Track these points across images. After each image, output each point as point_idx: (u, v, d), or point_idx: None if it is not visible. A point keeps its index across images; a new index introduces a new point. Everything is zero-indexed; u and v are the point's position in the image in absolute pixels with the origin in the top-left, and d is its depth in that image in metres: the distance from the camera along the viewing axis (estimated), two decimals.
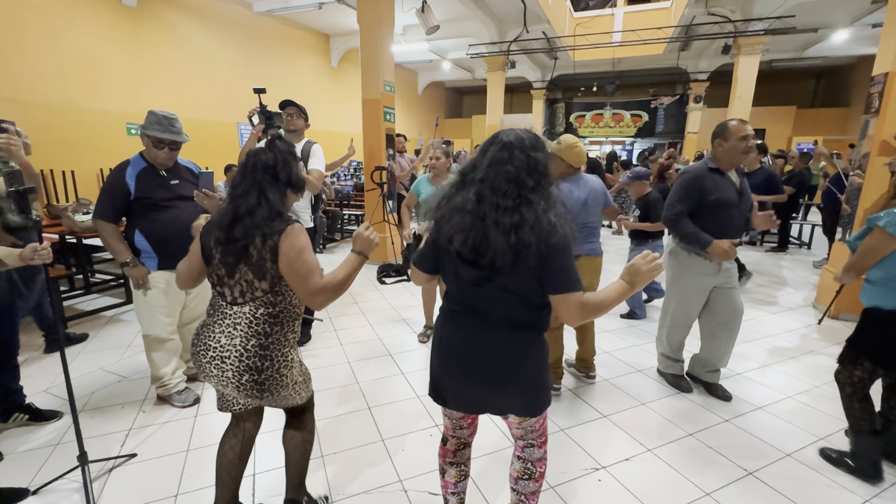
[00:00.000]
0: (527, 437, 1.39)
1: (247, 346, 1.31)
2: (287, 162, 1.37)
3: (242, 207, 1.29)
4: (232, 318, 1.33)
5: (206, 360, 1.33)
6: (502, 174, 1.14)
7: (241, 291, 1.32)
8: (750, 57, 8.76)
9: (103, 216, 2.17)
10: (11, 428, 2.21)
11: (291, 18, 8.93)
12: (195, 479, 1.89)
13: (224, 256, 1.32)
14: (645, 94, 14.16)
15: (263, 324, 1.33)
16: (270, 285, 1.31)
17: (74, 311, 3.75)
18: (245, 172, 1.35)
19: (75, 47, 5.58)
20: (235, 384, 1.32)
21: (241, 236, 1.28)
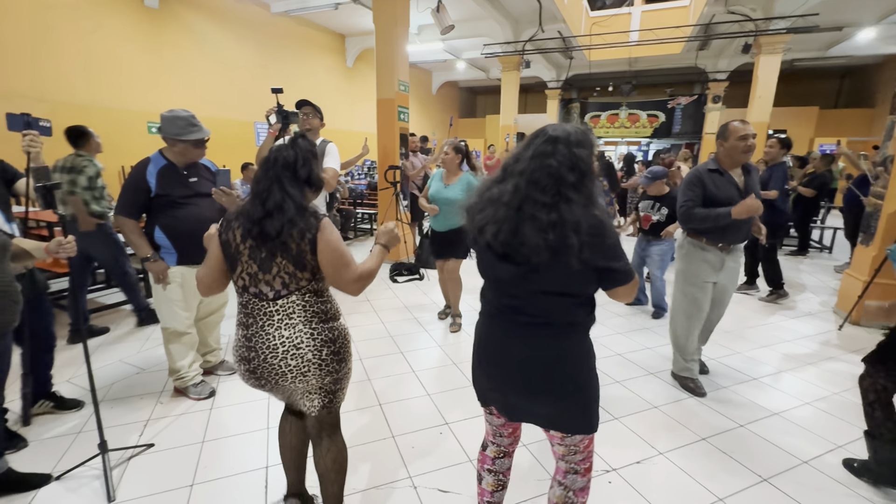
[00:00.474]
0: (569, 459, 1.30)
1: (312, 325, 1.35)
2: (307, 160, 1.39)
3: (270, 203, 1.29)
4: (281, 311, 1.33)
5: (277, 360, 1.32)
6: (543, 168, 1.10)
7: (284, 283, 1.32)
8: (771, 56, 8.58)
9: (125, 212, 2.24)
10: (36, 415, 2.29)
11: (308, 19, 9.03)
12: (210, 470, 1.93)
13: (255, 252, 1.32)
14: (662, 94, 13.96)
15: (315, 304, 1.37)
16: (312, 274, 1.35)
17: (96, 304, 3.86)
18: (267, 169, 1.35)
19: (100, 48, 5.74)
20: (318, 363, 1.35)
21: (276, 231, 1.28)
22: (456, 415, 2.38)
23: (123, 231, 2.27)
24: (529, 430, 2.25)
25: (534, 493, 1.83)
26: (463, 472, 1.95)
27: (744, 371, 2.89)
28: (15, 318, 1.65)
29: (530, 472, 1.96)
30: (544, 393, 1.17)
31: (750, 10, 8.11)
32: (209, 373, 2.73)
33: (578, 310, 1.16)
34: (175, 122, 2.20)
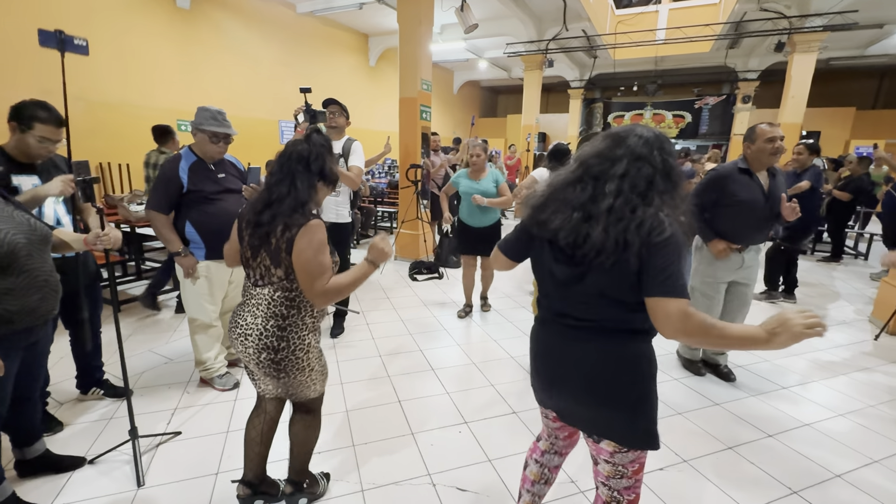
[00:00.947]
0: (613, 484, 1.21)
1: (266, 325, 1.40)
2: (320, 155, 1.41)
3: (275, 194, 1.36)
4: (255, 298, 1.42)
5: (235, 335, 1.45)
6: (641, 174, 1.05)
7: (261, 274, 1.41)
8: (806, 55, 8.28)
9: (157, 207, 2.30)
10: (89, 401, 2.40)
11: (332, 19, 9.14)
12: (234, 460, 1.97)
13: (251, 239, 1.41)
14: (689, 94, 13.63)
15: (280, 306, 1.40)
16: (285, 273, 1.37)
17: (126, 295, 3.99)
18: (281, 162, 1.40)
19: (134, 48, 5.93)
20: (255, 361, 1.43)
21: (267, 221, 1.34)
22: (475, 414, 2.37)
23: (155, 226, 2.33)
24: None
25: (554, 497, 1.81)
26: (482, 472, 1.95)
27: (772, 380, 2.80)
28: (55, 307, 1.72)
29: None
30: (601, 401, 1.12)
31: (784, 7, 7.85)
32: (234, 364, 2.79)
33: (636, 315, 1.06)
34: (201, 113, 2.26)
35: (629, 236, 0.99)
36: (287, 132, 8.49)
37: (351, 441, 2.12)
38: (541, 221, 1.14)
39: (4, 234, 1.40)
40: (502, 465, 1.99)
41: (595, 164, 1.11)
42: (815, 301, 4.38)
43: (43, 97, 1.92)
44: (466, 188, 3.44)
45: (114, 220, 4.06)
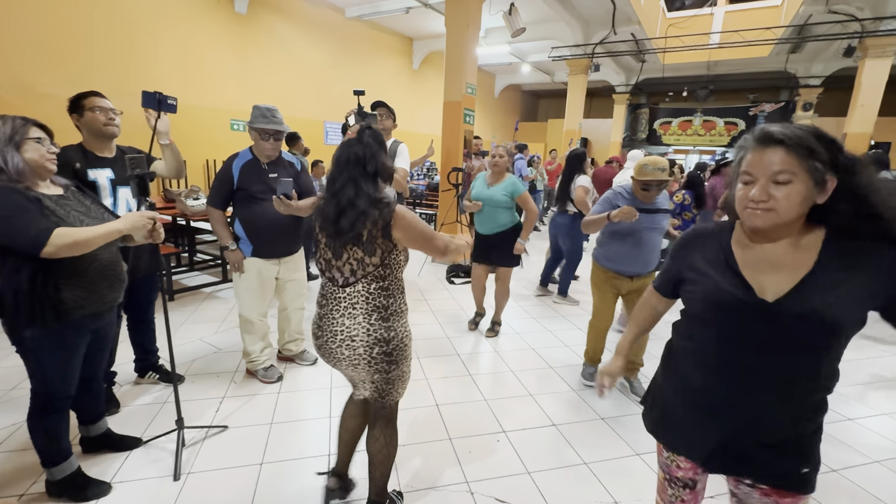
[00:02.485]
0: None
1: (370, 320, 1.40)
2: (375, 153, 1.42)
3: (344, 200, 1.37)
4: (347, 299, 1.41)
5: (335, 345, 1.42)
6: None
7: (352, 270, 1.40)
8: (879, 60, 7.70)
9: (213, 203, 2.41)
10: (145, 384, 2.54)
11: (378, 23, 9.33)
12: (277, 451, 2.03)
13: (330, 241, 1.41)
14: (743, 100, 12.99)
15: (378, 297, 1.41)
16: (381, 259, 1.39)
17: (180, 285, 4.21)
18: (339, 167, 1.41)
19: (195, 51, 6.27)
20: (367, 359, 1.41)
21: (349, 227, 1.35)
22: (513, 423, 2.33)
23: (210, 220, 2.44)
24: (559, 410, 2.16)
25: None
26: (521, 483, 1.91)
27: (836, 410, 2.60)
28: (120, 295, 1.82)
29: (591, 493, 1.88)
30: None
31: (856, 9, 7.33)
32: (289, 360, 2.87)
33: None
34: (253, 112, 2.35)
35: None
36: (332, 133, 8.71)
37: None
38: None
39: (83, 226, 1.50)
40: (541, 478, 1.94)
41: None
42: (879, 324, 4.03)
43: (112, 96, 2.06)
44: (478, 192, 3.22)
45: (172, 214, 4.29)
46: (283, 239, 2.53)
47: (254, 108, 2.37)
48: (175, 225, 4.67)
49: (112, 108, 2.07)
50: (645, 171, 2.36)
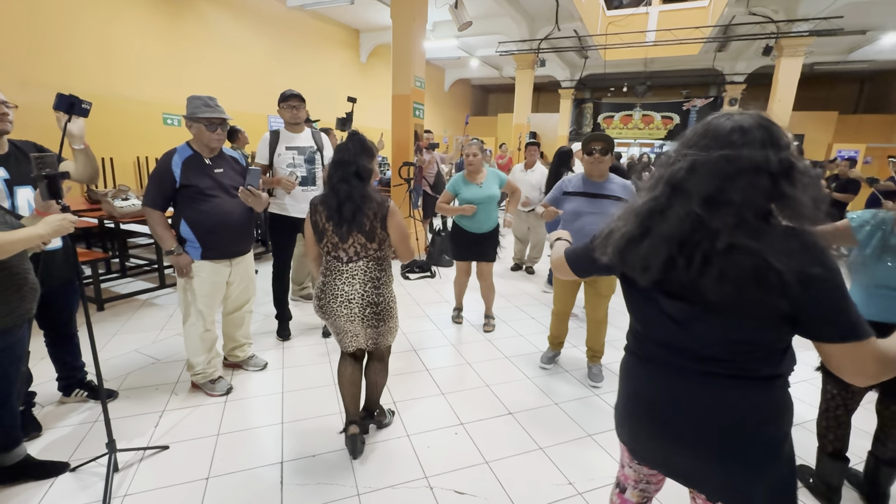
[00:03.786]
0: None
1: (366, 289, 1.81)
2: (354, 158, 1.76)
3: (341, 194, 1.74)
4: (349, 272, 1.81)
5: (336, 304, 1.80)
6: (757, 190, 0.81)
7: (356, 252, 1.80)
8: (792, 59, 8.42)
9: (151, 203, 2.21)
10: (72, 403, 2.31)
11: (323, 13, 9.02)
12: (226, 463, 1.92)
13: (337, 229, 1.76)
14: (677, 96, 13.80)
15: (373, 271, 1.83)
16: (379, 244, 1.81)
17: (111, 293, 3.88)
18: (335, 167, 1.77)
19: (118, 38, 5.76)
20: (360, 316, 1.81)
21: (352, 217, 1.73)
22: (471, 415, 2.35)
23: (149, 223, 2.24)
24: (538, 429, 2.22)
25: (551, 498, 1.80)
26: (480, 474, 1.93)
27: None
28: (33, 308, 1.65)
29: (548, 477, 1.93)
30: (731, 460, 0.91)
31: (772, 11, 7.97)
32: (237, 367, 2.72)
33: (774, 357, 0.89)
34: (191, 103, 2.19)
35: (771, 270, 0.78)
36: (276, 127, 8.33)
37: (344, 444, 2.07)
38: (630, 261, 0.94)
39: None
40: (499, 466, 1.97)
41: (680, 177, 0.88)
42: None
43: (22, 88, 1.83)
44: (469, 196, 3.14)
45: (98, 216, 3.94)
46: (237, 238, 2.39)
47: (191, 98, 2.21)
48: (103, 228, 4.30)
49: (4, 101, 1.83)
50: (585, 140, 2.46)
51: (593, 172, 2.48)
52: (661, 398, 0.99)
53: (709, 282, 0.83)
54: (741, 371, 0.89)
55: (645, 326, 1.03)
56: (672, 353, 0.97)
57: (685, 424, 0.95)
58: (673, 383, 0.97)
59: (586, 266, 1.16)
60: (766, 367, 0.89)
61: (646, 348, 1.04)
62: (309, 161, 3.02)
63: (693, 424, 0.94)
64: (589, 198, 2.47)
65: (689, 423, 0.95)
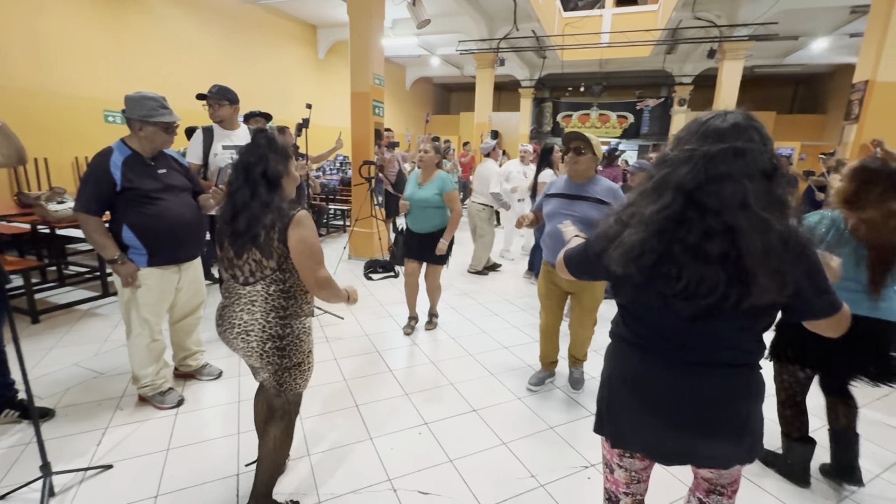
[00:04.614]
0: (715, 482, 1.16)
1: (267, 318, 1.45)
2: (262, 157, 1.42)
3: (239, 202, 1.41)
4: (247, 296, 1.46)
5: (232, 336, 1.48)
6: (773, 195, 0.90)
7: (251, 271, 1.44)
8: (734, 62, 8.93)
9: (86, 209, 2.03)
10: (1, 424, 2.12)
11: (277, 7, 8.73)
12: (176, 480, 1.82)
13: (233, 243, 1.44)
14: (631, 96, 14.32)
15: (278, 299, 1.46)
16: (278, 263, 1.42)
17: (47, 304, 3.60)
18: (236, 171, 1.45)
19: (50, 29, 5.34)
20: (259, 352, 1.46)
21: (245, 229, 1.39)
22: (435, 414, 2.35)
23: (85, 230, 2.05)
24: (506, 427, 2.24)
25: (514, 492, 1.82)
26: (444, 473, 1.92)
27: None
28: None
29: (511, 471, 1.95)
30: (727, 434, 1.01)
31: (715, 16, 8.41)
32: (190, 377, 2.59)
33: (761, 342, 1.02)
34: (143, 104, 2.05)
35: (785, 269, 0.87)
36: None
37: (306, 450, 2.02)
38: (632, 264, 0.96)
39: None
40: (463, 464, 1.98)
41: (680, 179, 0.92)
42: None
43: None
44: (410, 195, 3.14)
45: (31, 221, 3.65)
46: (188, 242, 2.27)
47: (142, 98, 2.05)
48: (36, 234, 3.98)
49: None
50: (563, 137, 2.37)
51: (570, 173, 2.35)
52: (669, 390, 1.03)
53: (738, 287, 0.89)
54: (746, 358, 1.01)
55: (648, 324, 1.06)
56: (679, 348, 1.02)
57: (692, 412, 1.02)
58: (681, 376, 1.02)
59: (588, 270, 1.18)
60: (758, 351, 1.02)
61: (648, 344, 1.06)
62: None
63: (701, 411, 1.01)
64: (566, 199, 2.33)
65: (697, 410, 1.02)
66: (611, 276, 1.06)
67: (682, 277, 0.91)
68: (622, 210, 1.04)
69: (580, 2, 11.88)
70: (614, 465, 1.21)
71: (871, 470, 2.02)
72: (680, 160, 0.93)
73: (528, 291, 4.50)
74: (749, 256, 0.86)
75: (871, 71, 3.64)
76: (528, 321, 3.70)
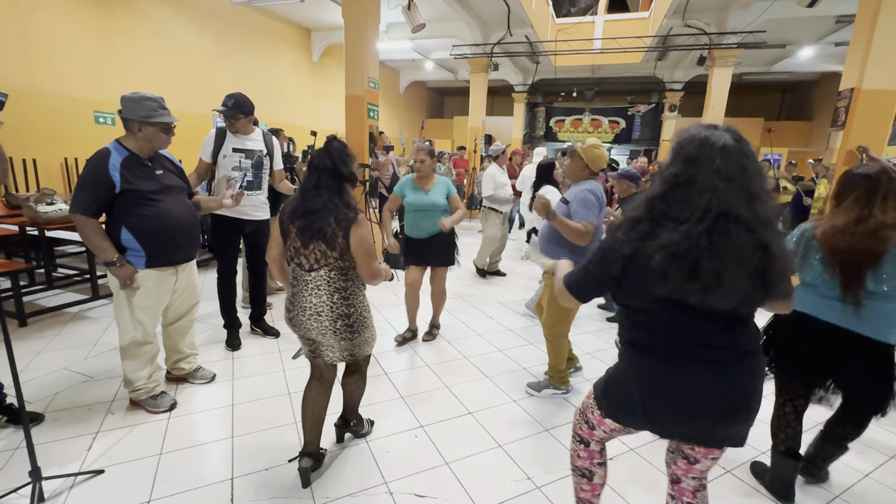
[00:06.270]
0: (703, 476, 1.28)
1: (333, 299, 1.69)
2: (343, 161, 1.66)
3: (315, 204, 1.63)
4: (313, 282, 1.69)
5: (305, 317, 1.70)
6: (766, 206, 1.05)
7: (316, 259, 1.67)
8: (723, 69, 9.08)
9: (84, 211, 2.00)
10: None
11: (271, 10, 8.72)
12: (169, 484, 1.80)
13: (301, 235, 1.65)
14: (622, 101, 14.47)
15: (338, 280, 1.70)
16: (340, 254, 1.66)
17: (36, 306, 3.55)
18: (311, 174, 1.67)
19: (40, 29, 5.28)
20: (332, 330, 1.70)
21: (318, 229, 1.61)
22: (431, 417, 2.34)
23: (82, 232, 2.02)
24: (498, 429, 2.25)
25: (511, 495, 1.83)
26: (440, 475, 1.92)
27: None
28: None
29: (507, 474, 1.96)
30: (750, 415, 1.13)
31: (705, 24, 8.55)
32: (182, 380, 2.56)
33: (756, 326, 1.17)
34: (143, 104, 2.03)
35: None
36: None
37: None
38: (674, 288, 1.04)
39: None
40: (459, 467, 1.98)
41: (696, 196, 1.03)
42: None
43: None
44: (413, 201, 3.03)
45: (19, 223, 3.59)
46: (186, 242, 2.25)
47: (140, 99, 2.04)
48: (25, 236, 3.92)
49: None
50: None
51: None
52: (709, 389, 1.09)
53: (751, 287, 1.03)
54: (754, 345, 1.13)
55: (660, 329, 1.13)
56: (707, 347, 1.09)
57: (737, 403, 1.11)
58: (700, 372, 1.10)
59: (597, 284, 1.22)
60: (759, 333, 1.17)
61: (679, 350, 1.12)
62: (256, 166, 2.90)
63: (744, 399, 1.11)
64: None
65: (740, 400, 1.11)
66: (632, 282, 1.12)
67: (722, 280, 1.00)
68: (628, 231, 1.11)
69: (573, 8, 12.03)
70: (597, 426, 1.31)
71: (862, 469, 2.06)
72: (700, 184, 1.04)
73: (522, 295, 4.52)
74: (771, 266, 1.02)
75: (856, 79, 3.72)
76: (524, 324, 3.72)
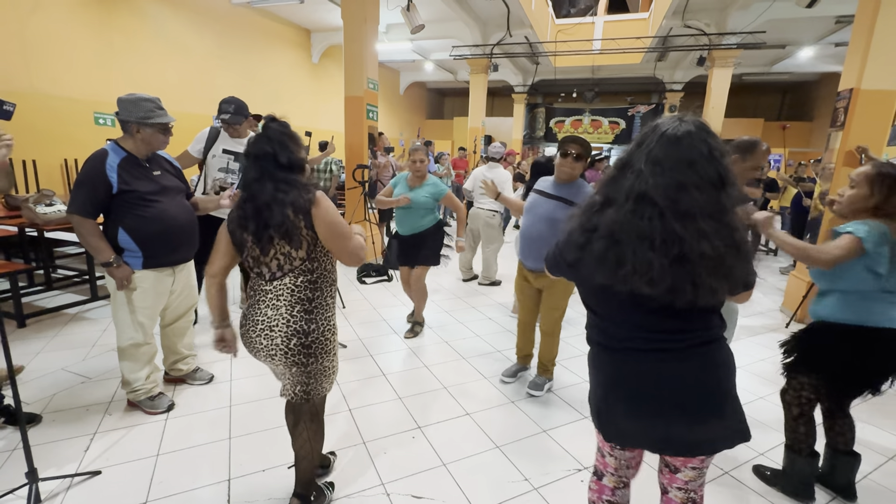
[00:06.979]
0: (691, 487, 1.18)
1: (292, 312, 1.41)
2: (284, 144, 1.38)
3: (265, 198, 1.35)
4: (273, 292, 1.42)
5: (255, 334, 1.42)
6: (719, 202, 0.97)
7: (279, 265, 1.40)
8: (723, 69, 9.08)
9: (82, 212, 2.00)
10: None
11: (271, 11, 8.74)
12: (166, 485, 1.80)
13: (258, 239, 1.38)
14: (622, 102, 14.47)
15: (304, 290, 1.42)
16: (307, 252, 1.40)
17: (34, 307, 3.55)
18: (251, 163, 1.39)
19: (40, 30, 5.30)
20: (284, 350, 1.40)
21: (279, 223, 1.33)
22: (428, 418, 2.34)
23: (80, 233, 2.03)
24: (495, 430, 2.25)
25: (508, 496, 1.82)
26: (437, 476, 1.92)
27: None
28: None
29: (504, 475, 1.95)
30: (715, 412, 1.06)
31: (704, 25, 8.55)
32: (180, 381, 2.56)
33: (720, 317, 1.09)
34: (140, 105, 2.03)
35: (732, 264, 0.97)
36: None
37: None
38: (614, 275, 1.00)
39: None
40: (456, 468, 1.97)
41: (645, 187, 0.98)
42: None
43: None
44: (402, 195, 3.11)
45: (18, 224, 3.59)
46: (183, 243, 2.25)
47: (138, 99, 2.04)
48: (24, 237, 3.92)
49: None
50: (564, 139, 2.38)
51: (560, 174, 2.39)
52: (644, 381, 1.08)
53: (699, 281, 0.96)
54: (712, 335, 1.07)
55: (619, 322, 1.10)
56: (654, 337, 1.06)
57: (671, 397, 1.06)
58: (656, 364, 1.07)
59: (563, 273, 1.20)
60: (723, 323, 1.09)
61: (619, 338, 1.11)
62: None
63: (680, 395, 1.06)
64: (542, 197, 2.41)
65: (676, 395, 1.06)
66: (582, 280, 1.13)
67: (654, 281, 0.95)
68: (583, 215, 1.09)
69: (572, 9, 12.04)
70: (605, 453, 1.28)
71: (861, 470, 2.05)
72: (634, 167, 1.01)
73: None
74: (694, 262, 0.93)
75: (855, 79, 3.72)
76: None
